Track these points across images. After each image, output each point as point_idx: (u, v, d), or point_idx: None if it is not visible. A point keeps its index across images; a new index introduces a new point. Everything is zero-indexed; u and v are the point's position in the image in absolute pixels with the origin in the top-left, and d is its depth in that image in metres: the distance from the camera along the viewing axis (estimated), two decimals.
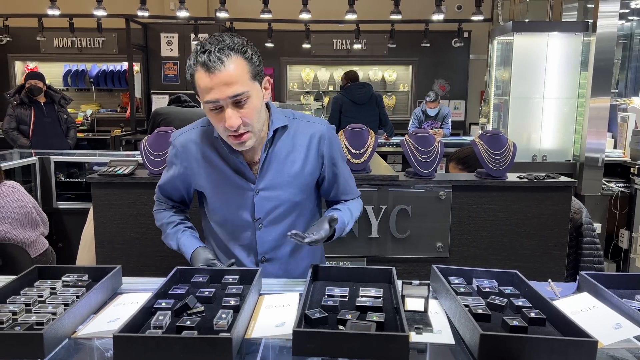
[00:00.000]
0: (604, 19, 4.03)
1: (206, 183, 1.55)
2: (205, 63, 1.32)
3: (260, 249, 1.57)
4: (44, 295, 1.28)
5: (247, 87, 1.35)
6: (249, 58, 1.37)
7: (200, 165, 1.54)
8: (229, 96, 1.33)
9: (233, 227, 1.57)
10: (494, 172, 2.29)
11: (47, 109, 5.43)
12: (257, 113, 1.40)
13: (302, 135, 1.54)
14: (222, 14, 5.67)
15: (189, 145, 1.55)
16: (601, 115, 4.15)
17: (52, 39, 7.68)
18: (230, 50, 1.34)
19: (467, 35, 7.78)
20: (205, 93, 1.34)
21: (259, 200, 1.53)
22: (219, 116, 1.37)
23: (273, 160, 1.52)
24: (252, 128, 1.41)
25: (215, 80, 1.32)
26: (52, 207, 4.05)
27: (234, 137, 1.40)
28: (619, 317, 1.22)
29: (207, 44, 1.34)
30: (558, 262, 2.31)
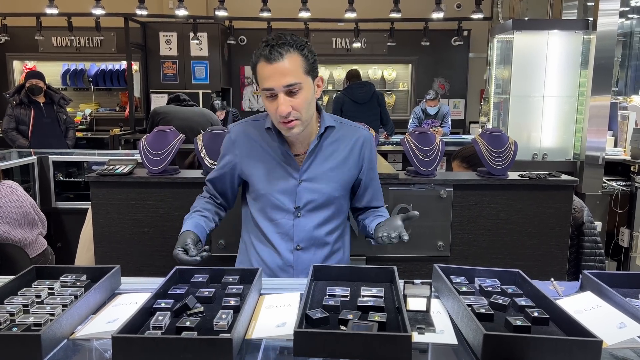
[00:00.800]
0: (604, 17, 4.02)
1: (254, 170, 1.68)
2: (267, 55, 1.49)
3: (296, 237, 1.68)
4: (42, 296, 1.27)
5: (300, 79, 1.51)
6: (305, 55, 1.53)
7: (252, 153, 1.68)
8: (283, 85, 1.50)
9: (274, 213, 1.68)
10: (495, 171, 2.28)
11: (47, 109, 5.41)
12: (306, 104, 1.55)
13: (347, 137, 1.70)
14: (222, 12, 5.66)
15: (244, 134, 1.70)
16: (601, 113, 4.14)
17: (51, 38, 7.65)
18: (289, 46, 1.51)
19: (467, 34, 7.77)
20: (263, 81, 1.52)
21: (301, 189, 1.66)
22: (272, 103, 1.53)
23: (319, 155, 1.67)
24: (300, 117, 1.55)
25: (273, 70, 1.49)
26: (50, 207, 4.03)
27: (283, 123, 1.55)
28: (623, 316, 1.21)
29: (270, 41, 1.52)
30: (559, 261, 2.30)
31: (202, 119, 4.38)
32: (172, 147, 2.26)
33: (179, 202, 2.25)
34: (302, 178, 1.65)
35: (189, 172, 2.34)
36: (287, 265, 1.70)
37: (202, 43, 7.43)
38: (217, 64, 7.54)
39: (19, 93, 5.31)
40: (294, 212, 1.67)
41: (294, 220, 1.67)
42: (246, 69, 8.27)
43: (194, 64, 7.54)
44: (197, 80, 7.56)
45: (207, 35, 7.42)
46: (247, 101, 8.38)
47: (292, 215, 1.67)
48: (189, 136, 3.21)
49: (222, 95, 7.80)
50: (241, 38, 8.04)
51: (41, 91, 5.36)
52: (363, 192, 1.76)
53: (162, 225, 2.26)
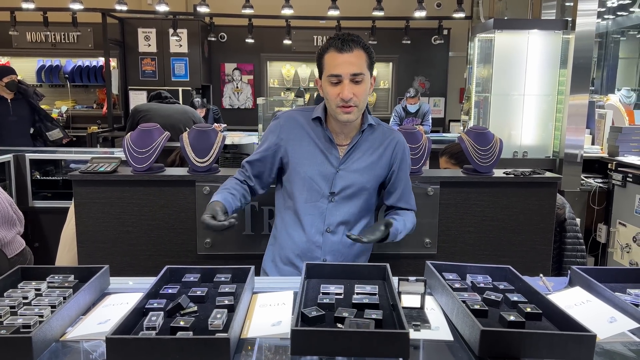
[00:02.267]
0: (583, 17, 4.10)
1: (298, 152, 1.81)
2: (338, 45, 1.67)
3: (327, 220, 1.81)
4: (28, 297, 1.23)
5: (363, 70, 1.69)
6: (368, 52, 1.71)
7: (297, 137, 1.82)
8: (350, 73, 1.67)
9: (309, 196, 1.80)
10: (480, 168, 2.30)
11: (14, 106, 5.00)
12: (365, 94, 1.72)
13: (384, 137, 1.86)
14: (203, 8, 5.60)
15: (292, 120, 1.85)
16: (580, 112, 4.22)
17: (25, 33, 7.46)
18: (357, 42, 1.70)
19: (447, 33, 7.84)
20: (332, 68, 1.68)
21: (338, 177, 1.79)
22: (336, 88, 1.69)
23: (358, 148, 1.82)
24: (358, 104, 1.71)
25: (342, 59, 1.67)
26: (27, 206, 3.93)
27: (343, 107, 1.69)
28: (613, 310, 1.23)
29: (340, 35, 1.71)
30: (544, 257, 2.33)
31: (184, 116, 4.33)
32: (158, 144, 2.22)
33: (163, 200, 2.22)
34: (340, 166, 1.80)
35: (174, 170, 2.30)
36: (315, 245, 1.81)
37: (182, 40, 7.34)
38: (197, 61, 7.46)
39: None
40: (328, 196, 1.80)
41: (327, 205, 1.80)
42: (226, 66, 8.20)
43: (173, 60, 7.44)
44: (176, 77, 7.47)
45: (187, 32, 7.33)
46: (227, 98, 8.31)
47: (327, 199, 1.80)
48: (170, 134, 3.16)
49: (202, 93, 7.72)
50: (221, 35, 7.97)
51: (16, 87, 5.01)
52: (392, 191, 1.89)
53: (147, 224, 2.23)
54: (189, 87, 7.41)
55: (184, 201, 2.21)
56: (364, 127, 1.81)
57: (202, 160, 2.20)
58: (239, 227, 2.22)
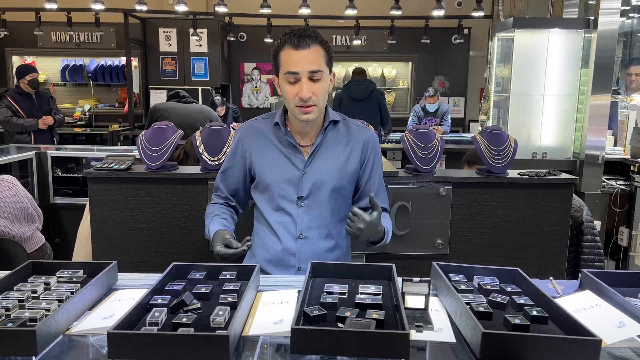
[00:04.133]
0: (606, 15, 4.00)
1: (261, 160, 1.76)
2: (294, 42, 1.60)
3: (299, 226, 1.74)
4: (37, 291, 1.26)
5: (322, 67, 1.63)
6: (326, 48, 1.66)
7: (259, 145, 1.77)
8: (308, 70, 1.60)
9: (278, 203, 1.75)
10: (494, 169, 2.27)
11: (39, 102, 5.45)
12: (324, 92, 1.66)
13: (352, 134, 1.79)
14: (221, 8, 5.64)
15: (252, 129, 1.80)
16: (602, 112, 4.13)
17: (50, 34, 7.63)
18: (314, 38, 1.63)
19: (467, 32, 7.76)
20: (289, 65, 1.61)
21: (304, 179, 1.73)
22: (294, 87, 1.63)
23: (323, 147, 1.75)
24: (318, 103, 1.65)
25: (299, 56, 1.60)
26: (49, 203, 4.02)
27: (302, 107, 1.64)
28: (622, 315, 1.20)
29: (295, 31, 1.63)
30: (559, 259, 2.29)
31: (201, 115, 4.37)
32: (171, 142, 2.25)
33: (176, 198, 2.24)
34: (306, 169, 1.73)
35: (187, 168, 2.33)
36: (289, 253, 1.75)
37: (202, 39, 7.41)
38: (217, 61, 7.52)
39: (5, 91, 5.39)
40: (297, 201, 1.74)
41: (297, 210, 1.74)
42: (246, 65, 8.25)
43: (193, 60, 7.52)
44: (196, 77, 7.54)
45: (206, 32, 7.40)
46: (246, 98, 8.37)
47: (296, 205, 1.74)
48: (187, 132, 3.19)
49: (222, 92, 7.78)
50: (241, 34, 8.02)
51: (38, 85, 5.45)
52: (366, 190, 1.81)
53: (160, 222, 2.25)
54: (208, 86, 7.48)
55: (196, 199, 2.23)
56: (326, 124, 1.75)
57: (214, 159, 2.22)
58: (250, 226, 2.23)
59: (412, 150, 2.27)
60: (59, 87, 8.27)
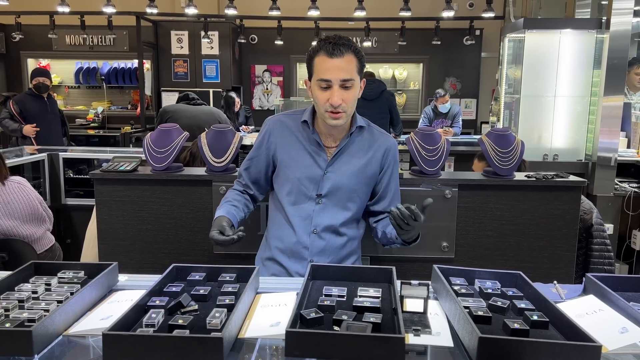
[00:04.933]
0: (618, 16, 3.95)
1: (286, 154, 1.81)
2: (329, 50, 1.64)
3: (314, 222, 1.79)
4: (38, 292, 1.27)
5: (353, 76, 1.67)
6: (359, 57, 1.68)
7: (285, 139, 1.82)
8: (340, 78, 1.65)
9: (297, 197, 1.80)
10: (501, 171, 2.24)
11: (51, 104, 5.51)
12: (354, 100, 1.71)
13: (375, 140, 1.84)
14: (231, 11, 5.67)
15: (280, 123, 1.85)
16: (614, 114, 4.07)
17: (64, 37, 7.73)
18: (348, 46, 1.66)
19: (479, 33, 7.70)
20: (322, 72, 1.66)
21: (325, 179, 1.78)
22: (325, 93, 1.67)
23: (347, 150, 1.81)
24: (347, 110, 1.69)
25: (332, 64, 1.64)
26: (60, 204, 4.06)
27: (332, 113, 1.68)
28: (625, 320, 1.18)
29: (331, 39, 1.66)
30: (566, 263, 2.26)
31: (210, 117, 4.39)
32: (176, 144, 2.26)
33: (181, 199, 2.25)
34: (328, 169, 1.79)
35: (192, 170, 2.34)
36: (302, 246, 1.80)
37: (213, 42, 7.45)
38: (228, 63, 7.56)
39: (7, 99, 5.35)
40: (315, 198, 1.79)
41: (315, 206, 1.79)
42: (257, 67, 8.28)
43: (204, 62, 7.56)
44: (207, 79, 7.59)
45: (218, 34, 7.44)
46: (257, 100, 8.39)
47: (314, 202, 1.79)
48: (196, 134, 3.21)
49: None
50: (252, 37, 8.05)
51: (48, 89, 5.46)
52: (384, 195, 1.87)
53: (165, 223, 2.26)
54: (219, 88, 7.52)
55: (201, 200, 2.24)
56: (353, 130, 1.80)
57: (219, 160, 2.22)
58: (255, 227, 2.23)
59: (417, 152, 2.26)
60: (72, 89, 8.37)
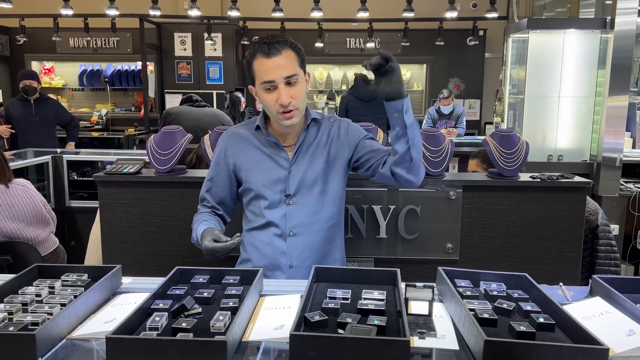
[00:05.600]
0: (623, 15, 3.93)
1: (247, 165, 1.79)
2: (265, 50, 1.62)
3: (289, 224, 1.76)
4: (42, 295, 1.27)
5: (296, 71, 1.65)
6: (297, 51, 1.67)
7: (243, 150, 1.80)
8: (283, 76, 1.62)
9: (267, 203, 1.76)
10: (505, 172, 2.23)
11: (37, 107, 5.32)
12: (303, 95, 1.68)
13: (329, 127, 1.82)
14: (234, 12, 5.67)
15: (233, 136, 1.83)
16: (619, 114, 4.05)
17: (68, 39, 7.75)
18: (284, 43, 1.64)
19: (483, 34, 7.68)
20: (264, 75, 1.63)
21: (291, 177, 1.75)
22: (272, 95, 1.64)
23: (306, 145, 1.78)
24: (298, 107, 1.67)
25: (272, 64, 1.61)
26: (64, 206, 4.07)
27: (283, 113, 1.66)
28: (632, 323, 1.17)
29: (265, 39, 1.64)
30: (572, 264, 2.24)
31: (214, 119, 4.39)
32: (180, 146, 2.26)
33: (185, 201, 2.25)
34: (291, 167, 1.76)
35: (196, 172, 2.34)
36: (280, 251, 1.76)
37: (216, 43, 7.46)
38: (231, 65, 7.56)
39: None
40: (285, 200, 1.76)
41: (286, 208, 1.76)
42: None
43: (208, 64, 7.57)
44: (211, 81, 7.59)
45: (221, 36, 7.44)
46: None
47: (284, 203, 1.76)
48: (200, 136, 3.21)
49: None
50: (255, 38, 8.02)
51: (35, 92, 5.31)
52: (372, 152, 1.77)
53: (169, 225, 2.26)
54: (223, 90, 7.52)
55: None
56: (308, 123, 1.78)
57: None
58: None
59: None
60: (76, 91, 8.40)
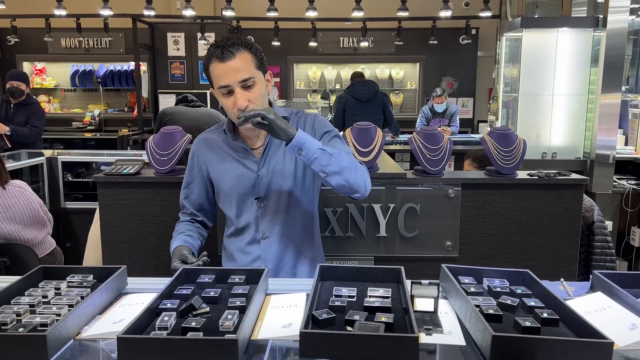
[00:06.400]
0: (615, 14, 3.98)
1: (217, 170, 1.77)
2: (218, 55, 1.58)
3: (261, 227, 1.75)
4: (48, 296, 1.27)
5: (252, 74, 1.60)
6: (254, 52, 1.62)
7: (212, 156, 1.78)
8: (238, 80, 1.58)
9: (238, 208, 1.75)
10: (503, 170, 2.25)
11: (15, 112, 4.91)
12: (261, 97, 1.64)
13: (298, 125, 1.74)
14: (228, 12, 5.66)
15: (202, 142, 1.82)
16: (612, 111, 4.10)
17: (60, 40, 7.70)
18: (239, 45, 1.60)
19: (475, 32, 7.72)
20: (219, 79, 1.59)
21: (260, 180, 1.73)
22: (230, 99, 1.61)
23: (274, 145, 1.74)
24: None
25: (226, 68, 1.57)
26: (59, 207, 4.05)
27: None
28: (634, 317, 1.19)
29: (219, 42, 1.61)
30: (569, 260, 2.27)
31: (209, 119, 4.38)
32: (179, 147, 2.26)
33: None
34: (260, 170, 1.73)
35: None
36: (254, 256, 1.76)
37: (210, 43, 7.44)
38: None
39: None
40: (256, 203, 1.74)
41: (257, 212, 1.74)
42: None
43: (201, 64, 7.54)
44: (204, 81, 7.55)
45: (214, 36, 7.42)
46: None
47: (256, 206, 1.74)
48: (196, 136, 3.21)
49: None
50: (249, 38, 8.04)
51: (22, 94, 4.91)
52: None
53: (169, 226, 2.25)
54: None
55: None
56: None
57: None
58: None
59: (420, 152, 2.27)
60: (69, 92, 8.35)
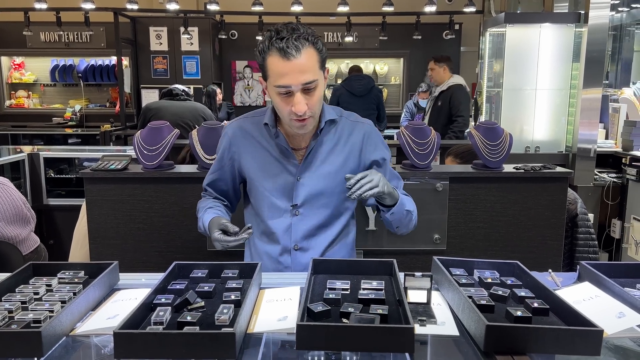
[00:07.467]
0: (596, 10, 4.03)
1: (251, 166, 1.60)
2: (283, 49, 1.37)
3: (294, 237, 1.60)
4: (39, 293, 1.25)
5: (316, 75, 1.43)
6: (319, 48, 1.44)
7: (248, 149, 1.61)
8: (301, 83, 1.40)
9: (270, 212, 1.60)
10: (490, 164, 2.28)
11: None
12: (320, 101, 1.49)
13: (349, 130, 1.61)
14: (213, 6, 5.62)
15: (240, 130, 1.63)
16: (593, 106, 4.16)
17: (39, 33, 7.56)
18: (306, 40, 1.40)
19: (458, 28, 7.78)
20: (278, 78, 1.41)
21: (299, 186, 1.57)
22: (286, 100, 1.43)
23: (319, 150, 1.59)
24: (314, 114, 1.48)
25: (290, 67, 1.38)
26: (42, 204, 3.99)
27: (298, 120, 1.46)
28: (621, 306, 1.22)
29: (282, 31, 1.40)
30: (555, 252, 2.32)
31: (193, 113, 4.35)
32: (167, 142, 2.24)
33: (173, 197, 2.24)
34: (300, 174, 1.58)
35: (184, 168, 2.33)
36: (283, 266, 1.62)
37: (193, 38, 7.38)
38: (208, 59, 7.49)
39: None
40: (291, 210, 1.59)
41: (291, 219, 1.59)
42: (237, 63, 8.23)
43: (184, 58, 7.48)
44: (188, 75, 7.51)
45: (197, 30, 7.37)
46: (238, 96, 8.34)
47: (290, 213, 1.59)
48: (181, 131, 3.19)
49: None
50: (232, 32, 7.99)
51: None
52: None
53: (157, 221, 2.25)
54: (200, 85, 7.44)
55: (193, 198, 2.23)
56: (322, 126, 1.56)
57: (211, 157, 2.22)
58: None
59: (408, 146, 2.28)
60: (48, 87, 8.20)
